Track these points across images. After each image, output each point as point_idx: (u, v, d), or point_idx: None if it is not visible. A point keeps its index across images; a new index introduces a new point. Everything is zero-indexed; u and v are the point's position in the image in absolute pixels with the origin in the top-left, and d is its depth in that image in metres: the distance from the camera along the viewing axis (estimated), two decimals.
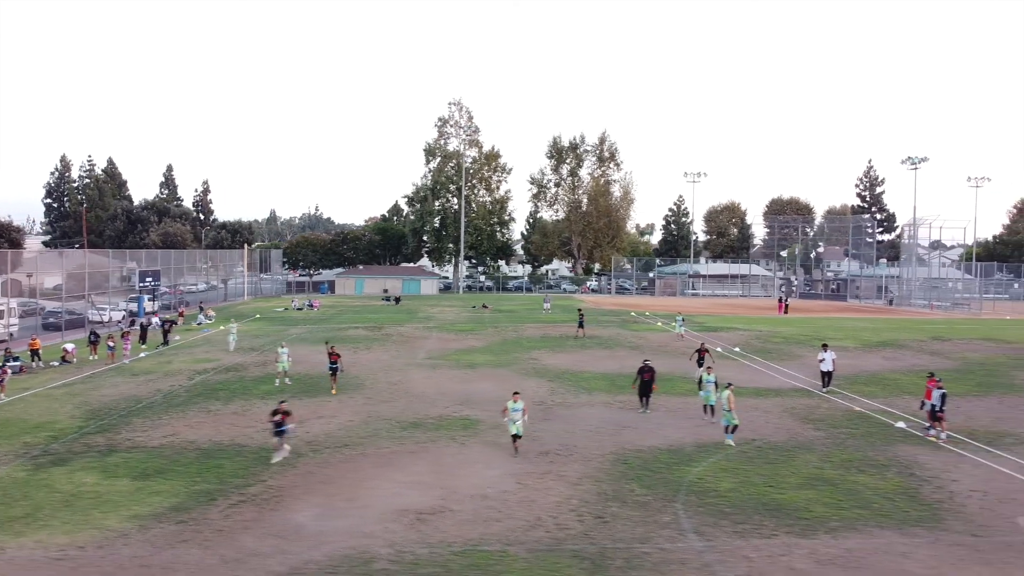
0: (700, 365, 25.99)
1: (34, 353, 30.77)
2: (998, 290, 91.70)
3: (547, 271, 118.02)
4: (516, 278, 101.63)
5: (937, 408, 19.30)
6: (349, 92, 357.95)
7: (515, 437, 17.54)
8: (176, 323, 48.95)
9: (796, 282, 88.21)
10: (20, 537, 12.67)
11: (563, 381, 27.54)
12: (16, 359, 28.81)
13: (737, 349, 36.47)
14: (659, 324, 48.94)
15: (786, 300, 62.46)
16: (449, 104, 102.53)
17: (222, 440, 19.03)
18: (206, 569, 11.49)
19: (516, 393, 18.15)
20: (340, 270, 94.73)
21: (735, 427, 18.81)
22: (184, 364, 31.76)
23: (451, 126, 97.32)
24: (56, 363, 30.98)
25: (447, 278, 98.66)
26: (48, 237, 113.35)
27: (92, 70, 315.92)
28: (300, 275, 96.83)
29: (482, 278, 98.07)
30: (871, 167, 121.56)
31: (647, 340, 40.15)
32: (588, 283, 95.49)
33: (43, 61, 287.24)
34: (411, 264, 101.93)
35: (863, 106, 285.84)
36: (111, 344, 31.73)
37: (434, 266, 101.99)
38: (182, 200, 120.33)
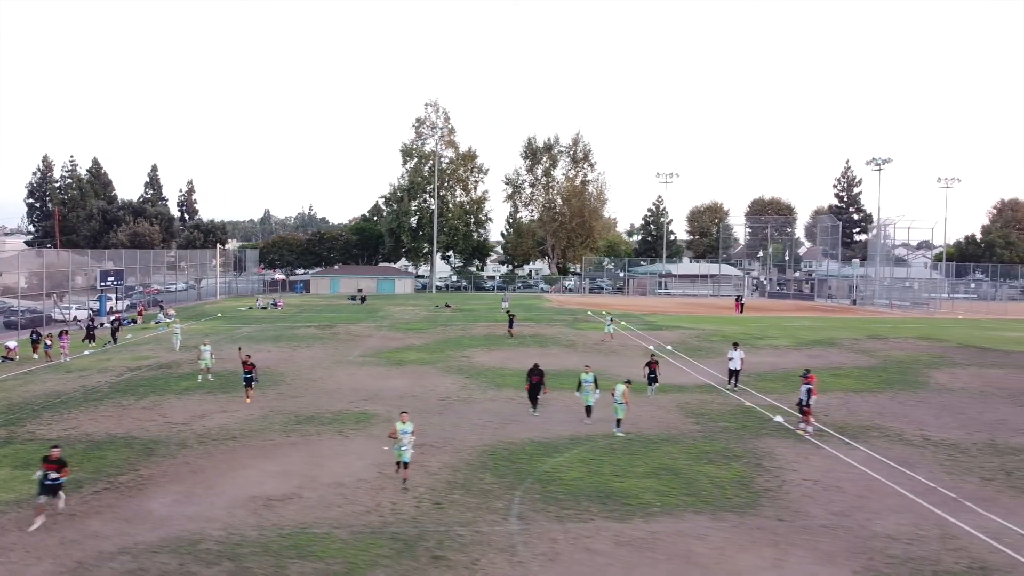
0: (652, 379, 24.90)
1: None
2: (968, 290, 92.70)
3: (530, 271, 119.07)
4: (491, 277, 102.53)
5: (803, 403, 20.16)
6: (341, 93, 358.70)
7: (401, 464, 15.57)
8: (135, 321, 49.84)
9: (766, 282, 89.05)
10: None
11: (479, 378, 28.38)
12: None
13: (669, 347, 37.31)
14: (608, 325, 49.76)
15: (743, 300, 63.32)
16: (426, 105, 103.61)
17: (117, 433, 19.84)
18: (40, 549, 12.30)
19: (404, 412, 16.35)
20: (316, 270, 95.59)
21: (619, 421, 19.68)
22: (122, 362, 32.57)
23: (427, 127, 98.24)
24: None
25: (425, 277, 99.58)
26: (30, 237, 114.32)
27: (82, 71, 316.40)
28: (279, 274, 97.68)
29: (454, 277, 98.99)
30: (848, 168, 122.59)
31: (586, 339, 41.01)
32: (565, 282, 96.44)
33: (30, 61, 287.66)
34: (390, 264, 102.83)
35: (843, 109, 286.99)
36: (48, 343, 32.55)
37: (411, 266, 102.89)
38: (167, 200, 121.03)
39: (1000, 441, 19.62)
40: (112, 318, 42.78)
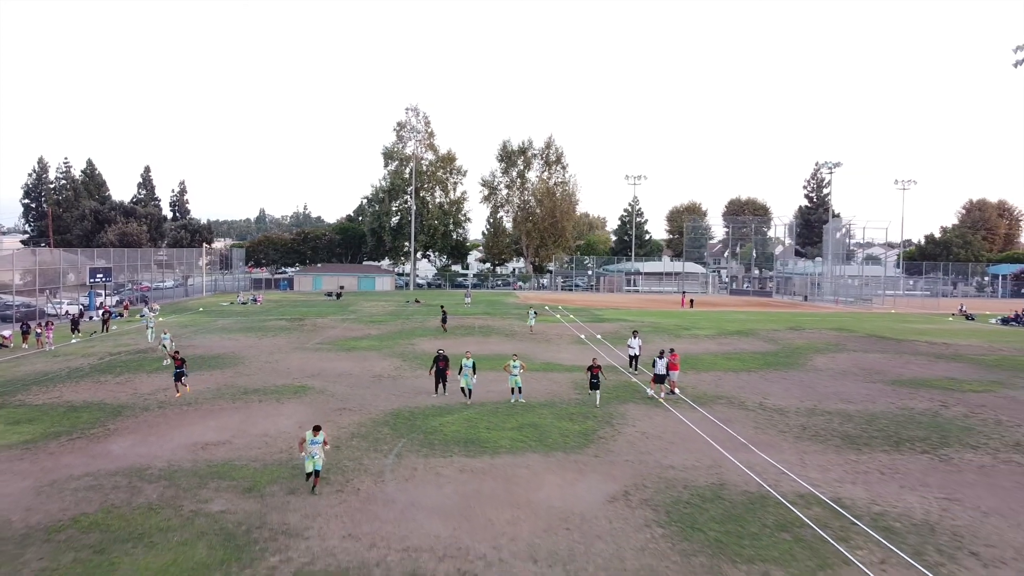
0: (593, 384, 23.57)
1: None
2: (924, 288, 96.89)
3: (513, 269, 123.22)
4: (463, 275, 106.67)
5: (661, 374, 24.37)
6: (334, 95, 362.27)
7: (311, 475, 15.29)
8: (121, 315, 53.86)
9: (728, 279, 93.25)
10: None
11: (414, 361, 32.46)
12: None
13: (599, 336, 41.45)
14: (557, 317, 53.98)
15: (690, 296, 67.52)
16: (406, 110, 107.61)
17: (92, 400, 23.92)
18: (23, 474, 16.38)
19: (317, 428, 15.69)
20: (298, 268, 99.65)
21: (519, 389, 23.80)
22: (104, 349, 36.62)
23: (408, 131, 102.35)
24: None
25: (406, 275, 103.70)
26: (25, 236, 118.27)
27: (76, 72, 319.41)
28: (265, 272, 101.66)
29: (431, 275, 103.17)
30: (818, 170, 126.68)
31: (528, 331, 45.09)
32: (540, 280, 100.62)
33: (24, 62, 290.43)
34: (372, 263, 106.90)
35: (816, 115, 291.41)
36: (38, 332, 36.61)
37: (392, 265, 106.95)
38: (159, 200, 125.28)
39: (821, 407, 23.77)
40: (102, 311, 46.75)
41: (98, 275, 57.92)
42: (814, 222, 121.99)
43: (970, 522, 13.80)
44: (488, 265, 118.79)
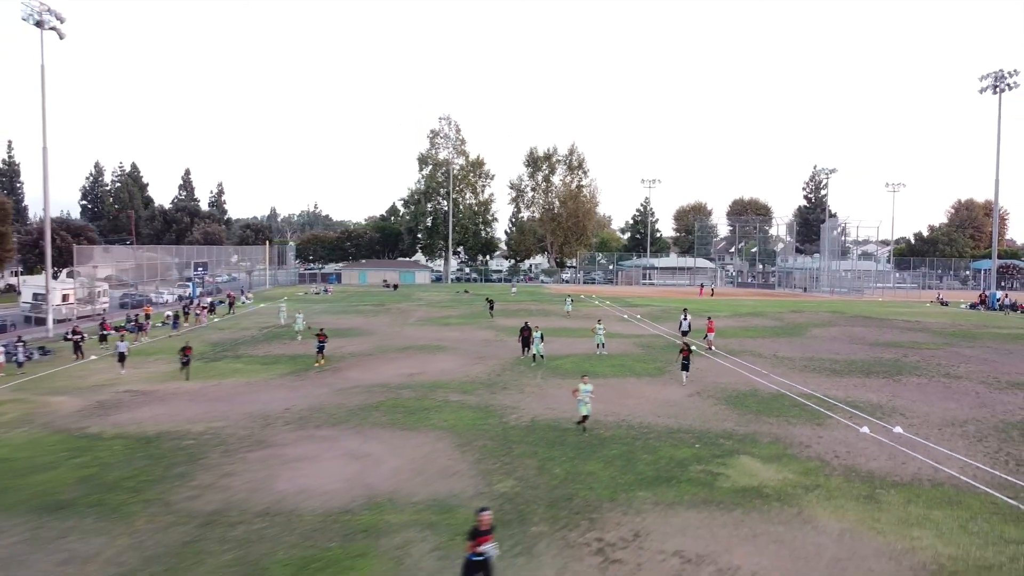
0: (684, 365, 26.75)
1: (147, 317, 45.19)
2: (912, 281, 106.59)
3: (531, 265, 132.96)
4: (498, 271, 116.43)
5: (686, 330, 34.13)
6: (347, 96, 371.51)
7: (585, 418, 19.29)
8: (235, 302, 63.53)
9: (735, 273, 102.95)
10: (226, 379, 27.19)
11: (503, 332, 42.08)
12: (140, 325, 43.28)
13: (638, 316, 51.11)
14: (596, 303, 63.65)
15: (709, 287, 77.26)
16: (440, 119, 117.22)
17: (297, 354, 33.49)
18: (317, 383, 25.97)
19: (585, 376, 20.78)
20: (343, 264, 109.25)
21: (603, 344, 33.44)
22: (250, 324, 46.21)
23: (441, 138, 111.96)
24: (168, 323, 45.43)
25: (438, 271, 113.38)
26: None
27: (113, 79, 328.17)
28: (306, 268, 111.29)
29: (467, 270, 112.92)
30: (816, 172, 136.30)
31: (565, 314, 54.69)
32: (562, 275, 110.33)
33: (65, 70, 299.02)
34: (406, 258, 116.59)
35: (816, 120, 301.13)
36: (198, 313, 46.37)
37: (427, 260, 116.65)
38: (198, 201, 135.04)
39: (816, 357, 33.42)
40: (228, 296, 56.54)
41: (198, 268, 67.49)
42: (812, 221, 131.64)
43: (902, 405, 23.46)
44: (510, 261, 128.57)
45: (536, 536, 12.68)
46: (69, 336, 34.52)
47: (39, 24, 41.34)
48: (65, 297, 50.29)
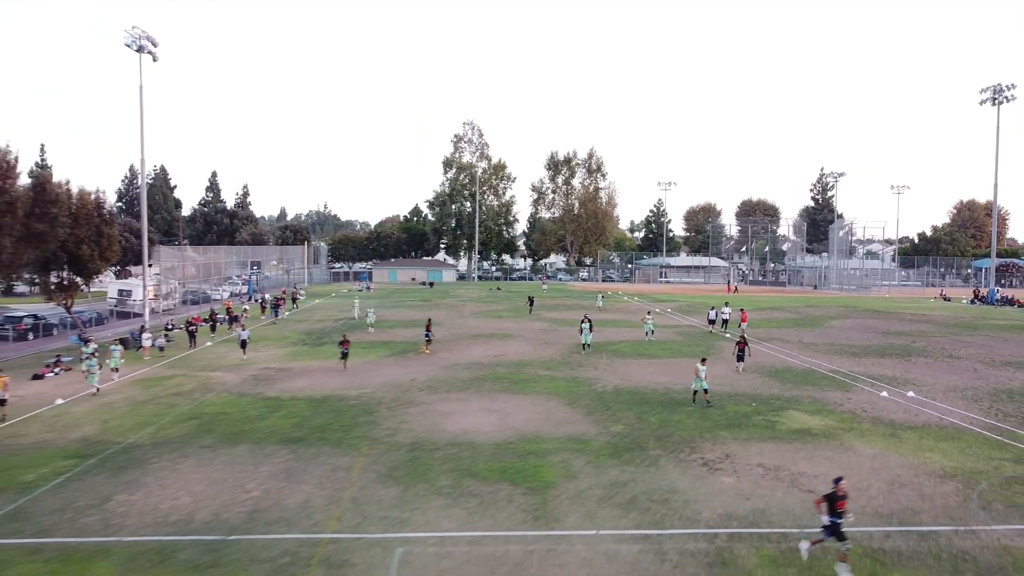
0: (739, 356, 29.51)
1: (228, 311, 50.33)
2: (916, 279, 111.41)
3: (546, 264, 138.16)
4: (519, 269, 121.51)
5: (712, 319, 39.18)
6: (356, 98, 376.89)
7: (696, 392, 23.54)
8: (297, 297, 68.61)
9: (747, 271, 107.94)
10: (330, 359, 32.29)
11: (553, 323, 47.16)
12: (235, 317, 48.32)
13: (669, 310, 56.20)
14: (625, 299, 68.72)
15: (734, 283, 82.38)
16: (463, 124, 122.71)
17: (383, 341, 38.56)
18: (422, 363, 31.03)
19: (704, 359, 24.94)
20: (370, 263, 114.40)
21: (652, 332, 38.49)
22: (323, 317, 51.30)
23: (465, 142, 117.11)
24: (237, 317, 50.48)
25: (461, 270, 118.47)
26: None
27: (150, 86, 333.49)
28: (333, 268, 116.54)
29: (491, 268, 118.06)
30: (823, 175, 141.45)
31: (597, 309, 59.80)
32: (581, 273, 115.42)
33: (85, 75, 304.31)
34: (431, 257, 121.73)
35: (824, 123, 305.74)
36: (275, 307, 51.55)
37: (450, 259, 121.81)
38: (224, 202, 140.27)
39: (837, 343, 38.47)
40: (292, 292, 61.73)
41: (254, 267, 72.67)
42: (820, 221, 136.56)
43: (913, 377, 28.52)
44: (529, 260, 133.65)
45: (655, 456, 17.76)
46: (181, 327, 39.67)
47: (140, 49, 46.40)
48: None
